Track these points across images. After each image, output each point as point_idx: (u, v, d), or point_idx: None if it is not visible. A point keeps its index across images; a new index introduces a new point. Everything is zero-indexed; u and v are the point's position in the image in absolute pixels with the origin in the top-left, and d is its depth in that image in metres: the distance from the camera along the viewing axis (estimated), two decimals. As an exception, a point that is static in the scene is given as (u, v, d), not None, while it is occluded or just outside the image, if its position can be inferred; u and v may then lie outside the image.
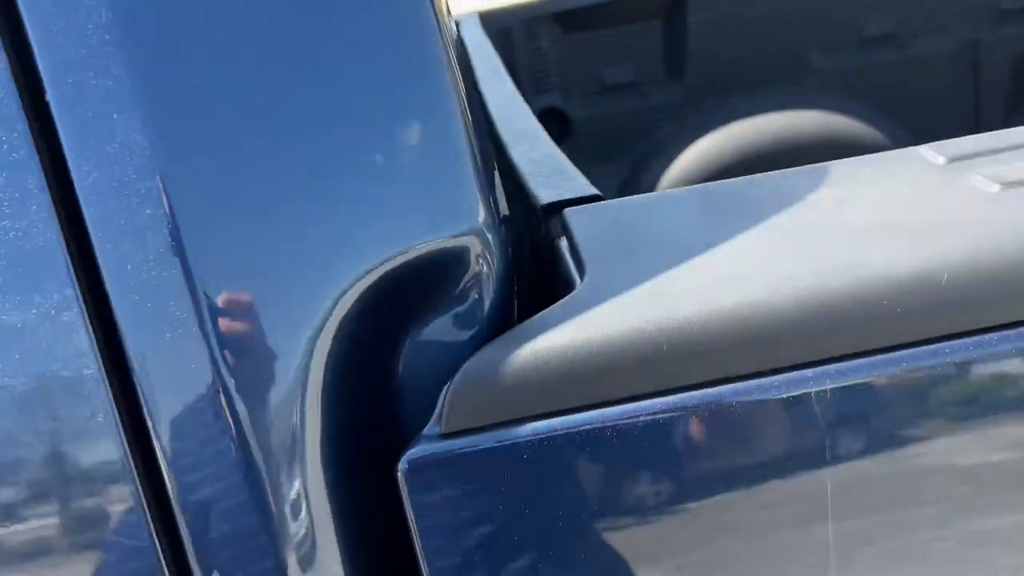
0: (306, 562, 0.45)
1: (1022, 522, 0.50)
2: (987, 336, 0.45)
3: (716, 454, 0.45)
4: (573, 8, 2.04)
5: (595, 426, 0.45)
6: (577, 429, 0.45)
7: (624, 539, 0.47)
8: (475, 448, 0.44)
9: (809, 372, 0.44)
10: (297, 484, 0.45)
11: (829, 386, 0.44)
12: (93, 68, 0.41)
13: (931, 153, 0.58)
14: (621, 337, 0.45)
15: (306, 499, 0.45)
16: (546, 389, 0.45)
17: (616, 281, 0.49)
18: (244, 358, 0.43)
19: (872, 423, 0.46)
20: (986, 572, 0.51)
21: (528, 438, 0.44)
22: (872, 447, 0.47)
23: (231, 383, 0.42)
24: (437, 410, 0.45)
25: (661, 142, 2.13)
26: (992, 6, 2.11)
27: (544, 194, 0.65)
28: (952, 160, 0.57)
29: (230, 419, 0.43)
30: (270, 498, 0.44)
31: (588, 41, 2.09)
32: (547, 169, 0.73)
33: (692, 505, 0.46)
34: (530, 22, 2.01)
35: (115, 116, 0.41)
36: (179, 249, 0.42)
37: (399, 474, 0.44)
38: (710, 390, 0.44)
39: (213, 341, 0.42)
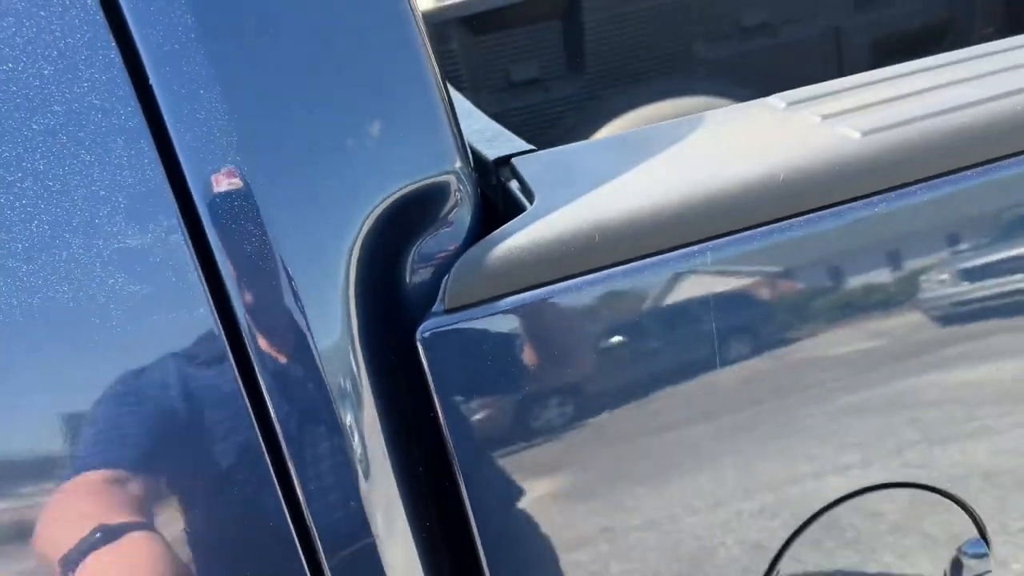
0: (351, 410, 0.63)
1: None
2: (813, 215, 0.66)
3: (641, 310, 0.65)
4: (480, 12, 2.17)
5: (549, 298, 0.64)
6: (537, 301, 0.64)
7: (578, 376, 0.66)
8: (470, 318, 0.63)
9: (695, 247, 0.65)
10: (350, 358, 0.62)
11: (709, 257, 0.65)
12: (183, 58, 0.57)
13: (776, 100, 0.79)
14: (565, 233, 0.64)
15: (356, 368, 0.63)
16: (515, 273, 0.63)
17: (558, 199, 0.68)
18: (304, 259, 0.60)
19: (744, 281, 0.67)
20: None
21: (505, 308, 0.63)
22: (751, 303, 0.67)
23: (295, 277, 0.60)
24: (440, 294, 0.63)
25: (567, 132, 2.31)
26: (850, -5, 2.36)
27: (490, 153, 0.84)
28: (790, 104, 0.78)
29: (297, 306, 0.60)
30: (324, 368, 0.61)
31: (495, 42, 2.23)
32: (488, 135, 0.91)
33: (632, 350, 0.66)
34: (441, 26, 2.14)
35: (201, 92, 0.58)
36: (252, 185, 0.59)
37: (418, 342, 0.62)
38: (630, 265, 0.64)
39: (281, 249, 0.59)
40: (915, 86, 0.79)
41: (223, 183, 0.58)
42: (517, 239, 0.64)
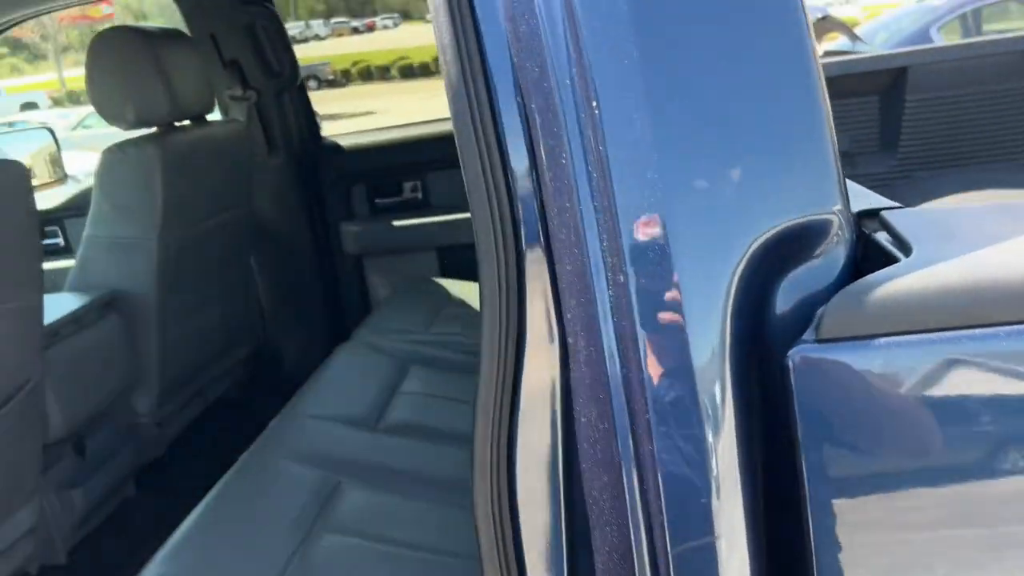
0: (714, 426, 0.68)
1: None
2: None
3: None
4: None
5: (927, 346, 0.65)
6: (914, 347, 0.65)
7: (935, 440, 0.66)
8: (842, 351, 0.65)
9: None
10: (720, 372, 0.68)
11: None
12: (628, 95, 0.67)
13: None
14: (951, 283, 0.65)
15: (723, 382, 0.68)
16: (893, 316, 0.65)
17: (939, 253, 0.69)
18: (695, 276, 0.67)
19: None
20: None
21: (879, 348, 0.65)
22: None
23: (684, 290, 0.66)
24: (814, 323, 0.67)
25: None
26: None
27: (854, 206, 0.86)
28: None
29: (681, 318, 0.66)
30: (698, 378, 0.67)
31: (808, 112, 2.21)
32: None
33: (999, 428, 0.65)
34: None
35: (636, 117, 0.67)
36: (666, 203, 0.66)
37: (789, 363, 0.66)
38: (1006, 328, 0.64)
39: (678, 263, 0.66)
40: None
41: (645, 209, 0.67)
42: (899, 283, 0.66)
